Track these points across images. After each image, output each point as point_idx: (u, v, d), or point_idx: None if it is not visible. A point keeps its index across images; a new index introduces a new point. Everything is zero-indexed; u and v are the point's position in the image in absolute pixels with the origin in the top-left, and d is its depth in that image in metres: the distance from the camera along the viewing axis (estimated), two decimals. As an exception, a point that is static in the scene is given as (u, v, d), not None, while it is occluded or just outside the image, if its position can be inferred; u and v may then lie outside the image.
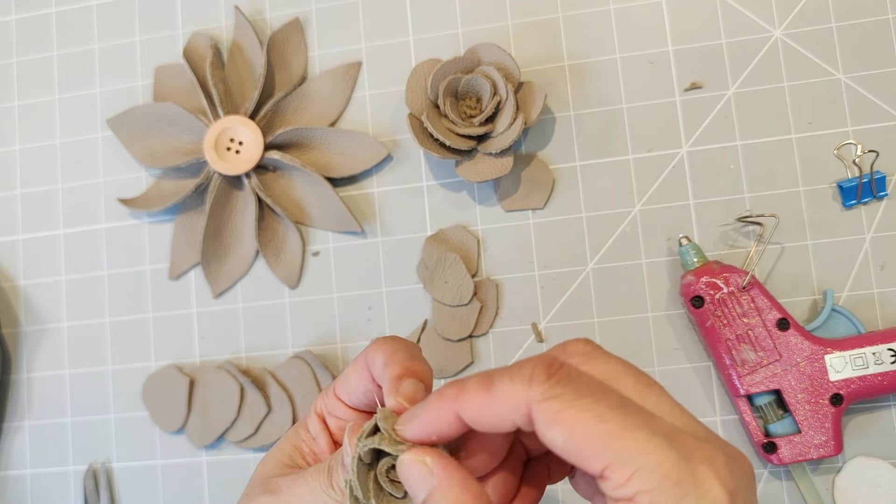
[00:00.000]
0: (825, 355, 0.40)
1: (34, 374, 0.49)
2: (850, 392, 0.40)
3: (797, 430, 0.40)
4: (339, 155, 0.47)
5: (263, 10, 0.49)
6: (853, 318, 0.41)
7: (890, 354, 0.40)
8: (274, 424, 0.46)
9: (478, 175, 0.44)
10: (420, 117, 0.44)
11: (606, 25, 0.46)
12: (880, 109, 0.44)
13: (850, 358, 0.40)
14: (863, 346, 0.40)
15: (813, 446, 0.40)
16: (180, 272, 0.48)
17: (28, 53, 0.52)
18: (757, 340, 0.40)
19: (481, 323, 0.45)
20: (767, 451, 0.40)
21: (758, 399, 0.41)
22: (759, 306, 0.40)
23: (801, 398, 0.40)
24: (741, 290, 0.41)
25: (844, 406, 0.40)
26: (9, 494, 0.48)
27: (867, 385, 0.40)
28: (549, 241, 0.45)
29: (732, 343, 0.40)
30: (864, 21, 0.44)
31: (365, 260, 0.47)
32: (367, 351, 0.30)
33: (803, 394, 0.40)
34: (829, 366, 0.40)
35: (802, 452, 0.40)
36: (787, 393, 0.40)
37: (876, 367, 0.39)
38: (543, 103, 0.43)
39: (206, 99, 0.48)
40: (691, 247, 0.42)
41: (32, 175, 0.51)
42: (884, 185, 0.43)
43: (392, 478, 0.25)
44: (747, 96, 0.45)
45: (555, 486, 0.44)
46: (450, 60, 0.44)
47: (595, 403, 0.21)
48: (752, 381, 0.40)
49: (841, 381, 0.40)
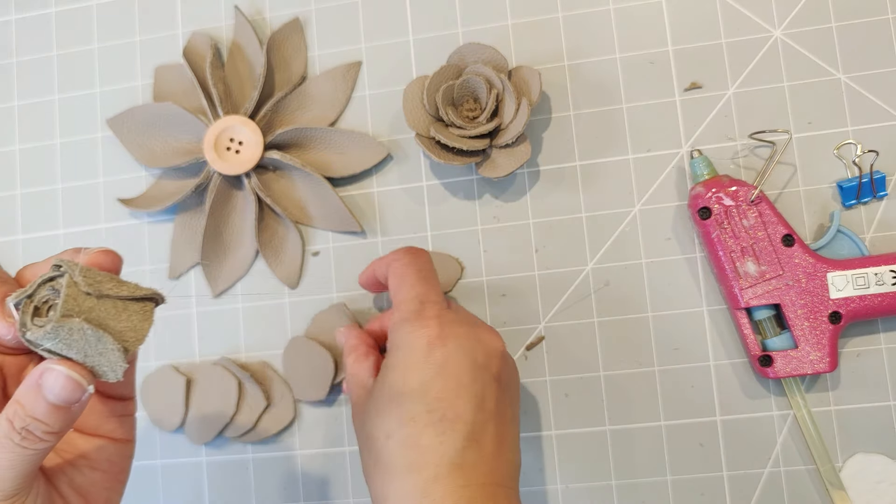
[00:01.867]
0: (827, 273, 0.40)
1: (34, 374, 0.49)
2: (850, 311, 0.40)
3: (794, 345, 0.41)
4: (339, 155, 0.47)
5: (263, 10, 0.49)
6: (858, 241, 0.42)
7: (892, 276, 0.40)
8: (274, 418, 0.46)
9: (502, 169, 0.44)
10: (428, 135, 0.44)
11: (606, 25, 0.46)
12: (880, 109, 0.44)
13: (852, 277, 0.40)
14: (865, 266, 0.40)
15: (808, 362, 0.40)
16: (180, 272, 0.48)
17: (28, 53, 0.52)
18: (761, 254, 0.41)
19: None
20: (763, 364, 0.41)
21: (757, 313, 0.41)
22: (765, 221, 0.41)
23: (800, 314, 0.40)
24: (749, 203, 0.41)
25: (843, 325, 0.40)
26: (9, 494, 0.48)
27: (867, 305, 0.40)
28: (549, 240, 0.45)
29: (736, 255, 0.41)
30: (864, 21, 0.44)
31: (365, 260, 0.47)
32: None
33: (803, 310, 0.40)
34: (830, 283, 0.40)
35: (798, 367, 0.40)
36: (787, 308, 0.40)
37: (877, 287, 0.40)
38: (540, 81, 0.43)
39: (206, 99, 0.48)
40: (702, 159, 0.43)
41: (32, 175, 0.51)
42: (884, 184, 0.43)
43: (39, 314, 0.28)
44: (747, 96, 0.45)
45: (555, 486, 0.44)
46: (437, 71, 0.44)
47: None
48: (754, 294, 0.41)
49: (841, 300, 0.40)
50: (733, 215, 0.41)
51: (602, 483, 0.43)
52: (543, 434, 0.44)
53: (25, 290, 0.28)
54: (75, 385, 0.28)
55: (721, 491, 0.42)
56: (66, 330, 0.27)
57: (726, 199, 0.41)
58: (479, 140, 0.44)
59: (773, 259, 0.41)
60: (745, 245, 0.41)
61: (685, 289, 0.44)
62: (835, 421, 0.42)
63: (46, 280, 0.28)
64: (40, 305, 0.28)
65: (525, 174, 0.46)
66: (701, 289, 0.44)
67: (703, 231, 0.42)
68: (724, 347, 0.43)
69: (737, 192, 0.41)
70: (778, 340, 0.41)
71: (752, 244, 0.41)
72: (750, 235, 0.41)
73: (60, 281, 0.28)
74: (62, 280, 0.28)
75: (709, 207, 0.41)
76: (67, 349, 0.28)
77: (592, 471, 0.43)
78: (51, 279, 0.28)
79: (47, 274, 0.28)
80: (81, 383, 0.28)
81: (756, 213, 0.41)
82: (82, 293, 0.28)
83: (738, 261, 0.41)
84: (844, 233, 0.42)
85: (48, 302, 0.28)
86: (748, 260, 0.41)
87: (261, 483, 0.46)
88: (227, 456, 0.47)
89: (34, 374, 0.28)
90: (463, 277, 0.46)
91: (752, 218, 0.41)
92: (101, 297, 0.28)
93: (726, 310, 0.43)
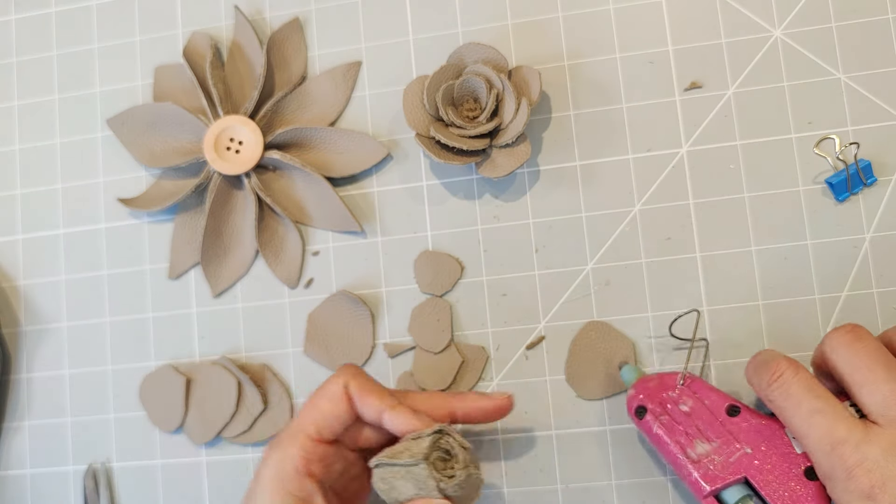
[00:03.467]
0: (785, 430, 0.37)
1: (34, 374, 0.49)
2: None
3: None
4: (339, 155, 0.47)
5: (263, 10, 0.50)
6: None
7: (853, 409, 0.35)
8: (270, 421, 0.46)
9: (502, 169, 0.44)
10: (428, 135, 0.44)
11: (606, 25, 0.46)
12: (880, 109, 0.44)
13: None
14: None
15: None
16: (180, 272, 0.48)
17: (28, 53, 0.52)
18: (709, 433, 0.38)
19: (481, 323, 0.45)
20: None
21: (729, 496, 0.37)
22: (703, 399, 0.39)
23: (771, 480, 0.36)
24: (681, 389, 0.39)
25: None
26: (9, 494, 0.48)
27: None
28: (549, 240, 0.45)
29: (684, 442, 0.38)
30: (864, 21, 0.44)
31: (365, 260, 0.47)
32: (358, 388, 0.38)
33: (773, 475, 0.36)
34: (792, 439, 0.36)
35: None
36: (756, 479, 0.36)
37: None
38: (540, 81, 0.43)
39: (206, 99, 0.48)
40: (628, 369, 0.42)
41: (32, 175, 0.51)
42: (870, 171, 0.42)
43: (440, 467, 0.35)
44: (747, 96, 0.45)
45: (555, 486, 0.44)
46: (437, 71, 0.44)
47: None
48: (714, 474, 0.37)
49: None
50: (666, 405, 0.39)
51: (602, 483, 0.43)
52: (543, 434, 0.44)
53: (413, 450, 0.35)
54: None
55: (721, 491, 0.42)
56: (466, 478, 0.35)
57: (656, 392, 0.39)
58: (479, 140, 0.44)
59: (723, 432, 0.37)
60: (689, 430, 0.38)
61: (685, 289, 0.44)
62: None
63: (433, 442, 0.35)
64: (433, 462, 0.35)
65: (525, 174, 0.46)
66: (701, 289, 0.44)
67: (645, 431, 0.40)
68: (721, 344, 0.43)
69: (663, 382, 0.39)
70: None
71: (696, 426, 0.38)
72: (692, 419, 0.38)
73: (447, 440, 0.36)
74: (451, 441, 0.36)
75: (643, 406, 0.39)
76: (460, 491, 0.35)
77: (592, 471, 0.43)
78: (436, 440, 0.36)
79: (433, 437, 0.35)
80: None
81: (690, 393, 0.39)
82: (463, 448, 0.36)
83: (687, 447, 0.38)
84: None
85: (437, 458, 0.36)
86: (697, 442, 0.38)
87: (261, 483, 0.46)
88: (227, 456, 0.47)
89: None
90: (463, 277, 0.46)
91: (688, 401, 0.39)
92: (465, 448, 0.36)
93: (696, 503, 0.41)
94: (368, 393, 0.37)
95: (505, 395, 0.40)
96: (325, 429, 0.37)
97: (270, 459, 0.36)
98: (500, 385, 0.45)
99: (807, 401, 0.34)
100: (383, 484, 0.35)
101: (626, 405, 0.41)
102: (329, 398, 0.37)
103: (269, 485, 0.36)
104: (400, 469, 0.35)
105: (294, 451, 0.36)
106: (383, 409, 0.37)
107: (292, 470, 0.35)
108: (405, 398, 0.39)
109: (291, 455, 0.36)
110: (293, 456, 0.36)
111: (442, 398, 0.40)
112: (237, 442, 0.46)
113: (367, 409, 0.37)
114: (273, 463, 0.36)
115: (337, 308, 0.46)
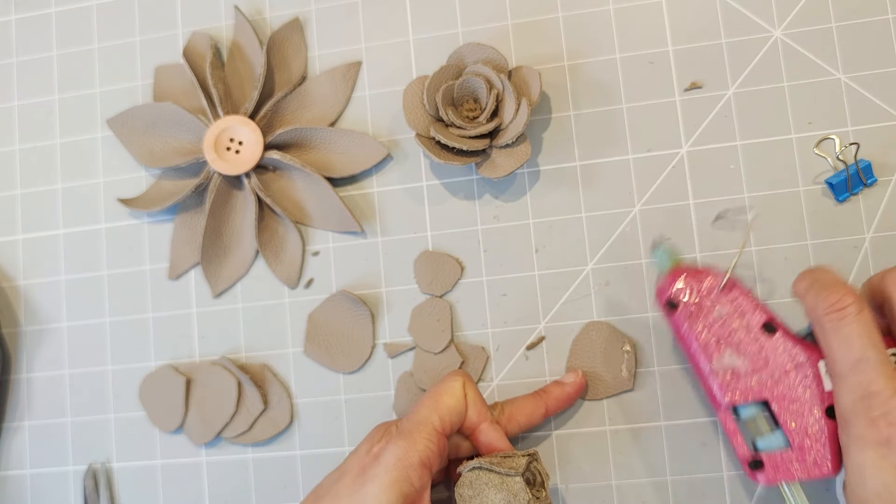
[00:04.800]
0: (819, 362, 0.35)
1: (34, 374, 0.49)
2: None
3: (788, 444, 0.36)
4: (339, 155, 0.47)
5: (263, 10, 0.49)
6: None
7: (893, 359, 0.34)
8: (270, 421, 0.46)
9: (502, 170, 0.44)
10: (428, 135, 0.44)
11: (606, 25, 0.46)
12: (880, 109, 0.44)
13: None
14: None
15: (805, 464, 0.35)
16: (180, 272, 0.48)
17: (28, 53, 0.52)
18: (740, 346, 0.36)
19: (481, 323, 0.45)
20: (753, 468, 0.36)
21: (744, 411, 0.37)
22: (741, 309, 0.36)
23: (791, 409, 0.35)
24: (720, 291, 0.37)
25: None
26: (9, 494, 0.48)
27: None
28: (549, 240, 0.45)
29: (712, 349, 0.36)
30: (864, 21, 0.44)
31: (365, 260, 0.47)
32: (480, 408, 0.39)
33: (794, 404, 0.35)
34: (823, 374, 0.35)
35: (793, 471, 0.35)
36: (776, 404, 0.35)
37: None
38: (540, 81, 0.43)
39: (206, 99, 0.48)
40: (663, 251, 0.39)
41: (32, 175, 0.51)
42: (870, 171, 0.42)
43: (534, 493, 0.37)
44: (747, 96, 0.45)
45: (555, 486, 0.44)
46: (437, 71, 0.44)
47: None
48: (736, 390, 0.36)
49: None
50: (702, 306, 0.37)
51: (602, 483, 0.43)
52: (543, 434, 0.44)
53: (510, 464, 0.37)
54: None
55: (721, 491, 0.42)
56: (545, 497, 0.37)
57: (693, 289, 0.37)
58: (479, 140, 0.44)
59: (755, 350, 0.36)
60: (720, 336, 0.36)
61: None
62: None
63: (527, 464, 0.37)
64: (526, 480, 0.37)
65: (525, 174, 0.46)
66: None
67: (672, 325, 0.38)
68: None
69: (702, 280, 0.37)
70: (770, 440, 0.36)
71: (728, 335, 0.36)
72: (725, 326, 0.36)
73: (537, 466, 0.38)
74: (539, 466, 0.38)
75: (674, 300, 0.37)
76: None
77: (592, 471, 0.43)
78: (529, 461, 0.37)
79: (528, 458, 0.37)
80: None
81: (729, 300, 0.37)
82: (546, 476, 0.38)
83: (714, 355, 0.36)
84: None
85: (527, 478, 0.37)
86: (726, 353, 0.36)
87: (261, 483, 0.46)
88: (227, 456, 0.47)
89: None
90: (463, 277, 0.46)
91: (725, 307, 0.37)
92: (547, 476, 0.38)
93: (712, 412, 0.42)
94: (477, 400, 0.39)
95: (578, 373, 0.43)
96: (448, 424, 0.38)
97: (396, 446, 0.36)
98: (500, 385, 0.45)
99: (860, 346, 0.33)
100: (470, 490, 0.36)
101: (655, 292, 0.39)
102: (451, 394, 0.38)
103: (392, 470, 0.35)
104: (496, 477, 0.36)
105: (423, 443, 0.36)
106: (483, 420, 0.39)
107: (417, 460, 0.35)
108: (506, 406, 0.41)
109: (420, 446, 0.36)
110: (422, 447, 0.36)
111: (534, 403, 0.41)
112: (237, 442, 0.46)
113: (473, 414, 0.39)
114: (399, 450, 0.36)
115: (337, 308, 0.46)
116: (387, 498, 0.34)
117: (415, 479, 0.35)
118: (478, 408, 0.39)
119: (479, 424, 0.39)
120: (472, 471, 0.36)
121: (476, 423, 0.39)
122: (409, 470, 0.35)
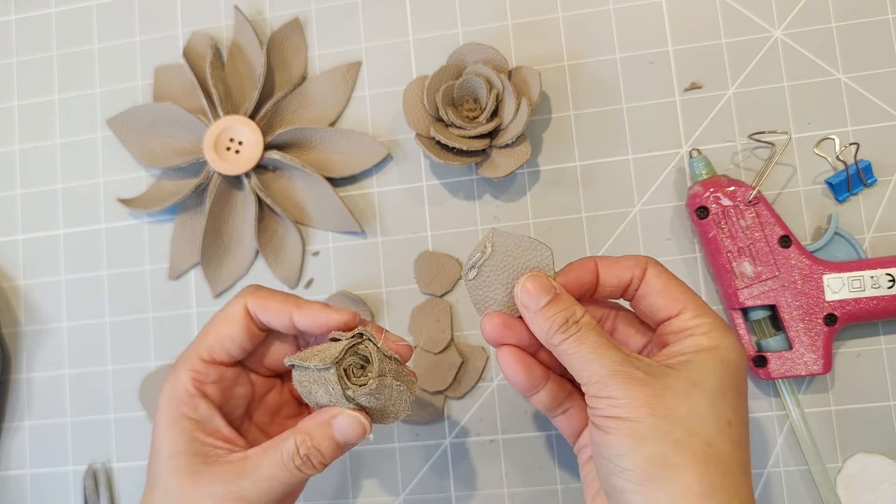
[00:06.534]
0: (823, 275, 0.40)
1: (34, 374, 0.49)
2: (845, 314, 0.40)
3: (788, 346, 0.41)
4: (339, 155, 0.47)
5: (263, 10, 0.49)
6: (855, 243, 0.42)
7: (888, 280, 0.40)
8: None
9: (502, 169, 0.44)
10: (428, 135, 0.44)
11: (606, 25, 0.46)
12: (880, 109, 0.44)
13: (848, 280, 0.40)
14: (862, 269, 0.40)
15: (803, 363, 0.40)
16: (180, 272, 0.48)
17: (28, 53, 0.52)
18: (758, 255, 0.41)
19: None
20: (757, 364, 0.41)
21: (753, 314, 0.42)
22: (762, 221, 0.41)
23: (795, 315, 0.41)
24: (747, 204, 0.41)
25: (838, 327, 0.40)
26: (9, 494, 0.48)
27: (862, 308, 0.40)
28: (549, 241, 0.45)
29: (733, 255, 0.41)
30: (864, 21, 0.44)
31: (365, 260, 0.47)
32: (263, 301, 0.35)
33: (798, 311, 0.41)
34: (826, 286, 0.40)
35: (791, 369, 0.41)
36: (783, 309, 0.41)
37: (873, 290, 0.40)
38: (540, 81, 0.43)
39: (206, 99, 0.48)
40: (701, 159, 0.43)
41: (32, 175, 0.51)
42: (870, 171, 0.43)
43: (353, 374, 0.33)
44: (747, 96, 0.45)
45: (554, 486, 0.44)
46: (437, 71, 0.44)
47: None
48: (750, 294, 0.41)
49: (836, 302, 0.40)
50: (731, 215, 0.41)
51: (602, 483, 0.43)
52: (543, 434, 0.44)
53: (326, 354, 0.33)
54: (363, 431, 0.33)
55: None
56: (380, 387, 0.33)
57: (724, 198, 0.41)
58: (479, 140, 0.44)
59: (770, 260, 0.41)
60: (741, 245, 0.41)
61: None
62: (835, 421, 0.42)
63: (349, 346, 0.33)
64: (347, 368, 0.33)
65: (525, 174, 0.46)
66: (700, 289, 0.44)
67: (700, 230, 0.42)
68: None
69: (734, 192, 0.41)
70: (773, 341, 0.41)
71: (748, 244, 0.41)
72: (747, 236, 0.41)
73: (367, 346, 0.33)
74: (369, 346, 0.33)
75: (706, 207, 0.41)
76: (374, 402, 0.33)
77: (592, 471, 0.43)
78: (353, 345, 0.33)
79: (349, 341, 0.33)
80: (367, 429, 0.33)
81: (754, 213, 0.41)
82: (385, 357, 0.33)
83: (734, 261, 0.41)
84: (842, 235, 0.42)
85: (352, 364, 0.33)
86: (745, 260, 0.41)
87: (261, 483, 0.46)
88: (227, 456, 0.47)
89: (324, 413, 0.33)
90: (463, 277, 0.46)
91: (749, 218, 0.41)
92: (391, 358, 0.34)
93: (723, 310, 0.43)
94: (269, 300, 0.35)
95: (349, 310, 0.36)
96: (217, 350, 0.36)
97: (165, 384, 0.36)
98: (499, 385, 0.45)
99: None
100: (301, 387, 0.34)
101: (686, 197, 0.43)
102: (225, 319, 0.36)
103: (162, 408, 0.35)
104: (312, 373, 0.33)
105: (184, 374, 0.35)
106: (291, 311, 0.35)
107: (184, 392, 0.35)
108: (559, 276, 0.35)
109: (183, 377, 0.35)
110: (185, 379, 0.35)
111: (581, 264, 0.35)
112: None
113: (273, 316, 0.35)
114: (167, 387, 0.35)
115: None
116: (171, 437, 0.34)
117: (188, 410, 0.35)
118: (275, 303, 0.35)
119: (290, 317, 0.35)
120: (293, 369, 0.34)
121: (287, 318, 0.35)
122: (179, 405, 0.35)
